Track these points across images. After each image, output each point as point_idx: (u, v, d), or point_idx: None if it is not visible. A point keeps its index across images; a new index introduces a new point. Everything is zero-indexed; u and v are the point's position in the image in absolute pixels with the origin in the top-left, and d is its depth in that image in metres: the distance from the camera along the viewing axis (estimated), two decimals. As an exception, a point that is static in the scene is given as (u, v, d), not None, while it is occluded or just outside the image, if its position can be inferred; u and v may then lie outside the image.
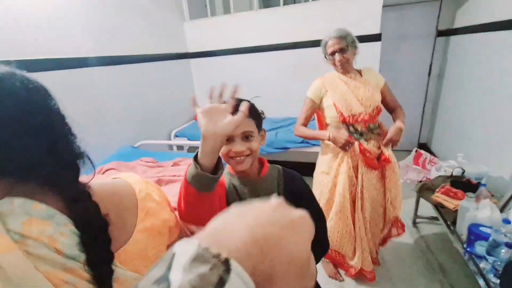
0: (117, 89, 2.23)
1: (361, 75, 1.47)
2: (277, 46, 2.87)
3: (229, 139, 0.71)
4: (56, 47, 1.77)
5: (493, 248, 1.22)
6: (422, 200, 1.91)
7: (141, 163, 1.87)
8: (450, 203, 1.57)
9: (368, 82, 1.43)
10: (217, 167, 0.61)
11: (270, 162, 1.01)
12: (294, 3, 3.43)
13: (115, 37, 2.21)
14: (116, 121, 2.22)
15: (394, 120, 1.47)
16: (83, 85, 1.96)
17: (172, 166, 1.86)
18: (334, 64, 1.43)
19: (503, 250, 1.17)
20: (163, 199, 0.59)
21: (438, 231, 2.01)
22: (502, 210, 1.41)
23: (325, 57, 1.46)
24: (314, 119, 1.64)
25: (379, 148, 1.47)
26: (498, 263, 1.17)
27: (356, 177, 1.46)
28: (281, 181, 0.83)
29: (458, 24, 2.62)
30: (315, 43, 2.72)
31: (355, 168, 1.45)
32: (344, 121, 1.43)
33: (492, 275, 1.19)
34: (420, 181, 1.93)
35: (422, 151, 2.07)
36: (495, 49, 2.00)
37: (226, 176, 0.80)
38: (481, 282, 1.22)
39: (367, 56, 2.55)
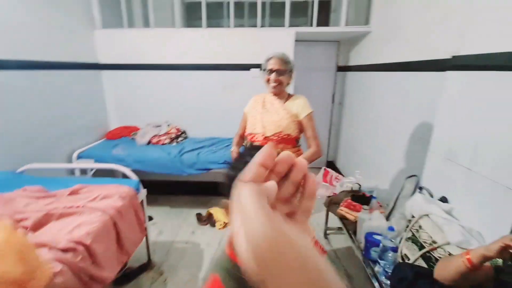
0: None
1: (287, 100, 1.49)
2: (198, 66, 2.86)
3: None
4: None
5: (383, 252, 1.45)
6: (331, 213, 2.15)
7: (23, 194, 1.49)
8: (351, 215, 1.80)
9: (284, 110, 1.45)
10: None
11: (192, 183, 0.91)
12: (218, 26, 3.54)
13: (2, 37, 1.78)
14: (-12, 140, 1.74)
15: None
16: None
17: (68, 195, 1.56)
18: (267, 81, 1.46)
19: (390, 254, 1.39)
20: (8, 251, 0.52)
21: (345, 240, 2.27)
22: (387, 218, 1.70)
23: (263, 71, 1.47)
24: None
25: None
26: (388, 266, 1.38)
27: None
28: None
29: (351, 62, 3.19)
30: (236, 67, 2.85)
31: None
32: (247, 137, 1.56)
33: (383, 277, 1.39)
34: (329, 197, 2.17)
35: (329, 170, 2.36)
36: (375, 85, 2.50)
37: (228, 272, 0.42)
38: (376, 284, 1.41)
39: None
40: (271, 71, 1.42)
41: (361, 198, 1.92)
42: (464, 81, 1.33)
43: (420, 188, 1.60)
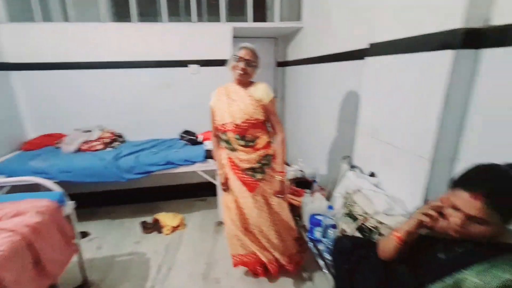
0: None
1: (249, 87, 1.54)
2: (131, 64, 2.65)
3: None
4: None
5: (325, 230, 1.53)
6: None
7: None
8: (296, 201, 1.86)
9: (248, 96, 1.50)
10: None
11: (135, 190, 0.79)
12: (153, 21, 3.33)
13: None
14: None
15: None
16: None
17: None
18: (234, 68, 1.48)
19: (330, 231, 1.47)
20: None
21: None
22: (328, 199, 1.80)
23: (234, 56, 1.48)
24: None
25: (257, 162, 1.53)
26: (330, 243, 1.46)
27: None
28: None
29: (288, 58, 3.32)
30: (173, 63, 2.72)
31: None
32: (219, 129, 1.58)
33: (326, 253, 1.46)
34: (276, 187, 2.21)
35: (274, 160, 2.42)
36: (310, 77, 2.64)
37: None
38: (321, 262, 1.48)
39: (224, 77, 2.77)
40: (241, 59, 1.45)
41: (304, 183, 2.01)
42: (377, 66, 1.48)
43: (353, 167, 1.73)
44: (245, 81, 1.52)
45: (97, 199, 2.77)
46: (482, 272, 0.71)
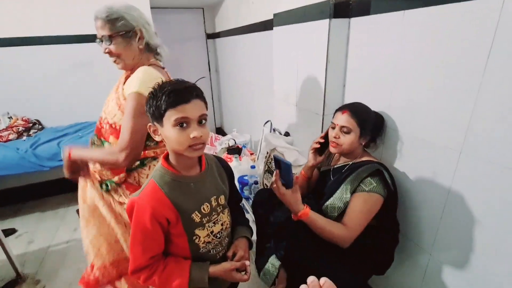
0: None
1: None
2: (35, 40, 2.35)
3: (186, 123, 0.65)
4: None
5: (251, 188, 1.72)
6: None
7: None
8: (227, 166, 2.01)
9: (116, 88, 1.05)
10: None
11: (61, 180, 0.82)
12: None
13: None
14: None
15: None
16: None
17: None
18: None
19: (255, 187, 1.67)
20: None
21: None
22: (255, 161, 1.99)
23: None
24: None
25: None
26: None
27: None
28: (220, 169, 0.84)
29: (217, 29, 3.29)
30: (85, 38, 2.47)
31: None
32: None
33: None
34: (211, 157, 2.33)
35: (208, 132, 2.51)
36: (237, 48, 2.70)
37: (162, 178, 0.71)
38: (249, 216, 1.68)
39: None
40: (99, 39, 0.96)
41: (235, 150, 2.16)
42: (281, 35, 1.61)
43: (274, 130, 1.93)
44: (127, 67, 1.01)
45: (21, 194, 2.56)
46: (347, 183, 1.01)
